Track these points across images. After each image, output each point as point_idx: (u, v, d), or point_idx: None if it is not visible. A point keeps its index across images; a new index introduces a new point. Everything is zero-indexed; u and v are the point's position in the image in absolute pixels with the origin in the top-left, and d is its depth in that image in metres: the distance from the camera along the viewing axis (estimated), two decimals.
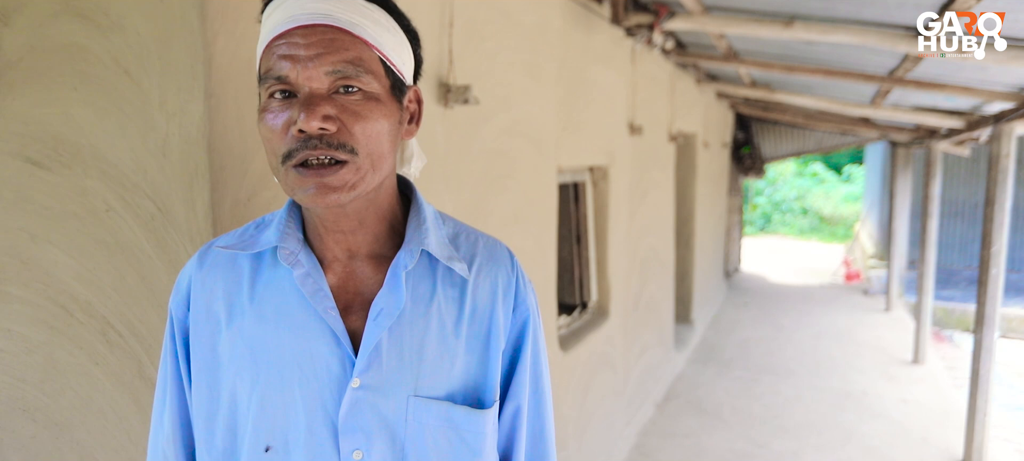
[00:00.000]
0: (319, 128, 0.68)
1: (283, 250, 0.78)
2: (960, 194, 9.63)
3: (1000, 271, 3.75)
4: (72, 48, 1.17)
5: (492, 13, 2.12)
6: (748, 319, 7.35)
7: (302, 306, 0.77)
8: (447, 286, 0.80)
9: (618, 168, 3.56)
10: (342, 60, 0.69)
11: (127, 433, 1.27)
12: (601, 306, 3.55)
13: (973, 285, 8.67)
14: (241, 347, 0.77)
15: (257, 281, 0.79)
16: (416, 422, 0.76)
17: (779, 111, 7.05)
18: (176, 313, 0.82)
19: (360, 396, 0.74)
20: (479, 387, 0.81)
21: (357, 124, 0.70)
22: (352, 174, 0.71)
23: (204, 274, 0.81)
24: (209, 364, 0.79)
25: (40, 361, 1.32)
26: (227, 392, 0.78)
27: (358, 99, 0.71)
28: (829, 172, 19.09)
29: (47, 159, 1.23)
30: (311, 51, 0.69)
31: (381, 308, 0.76)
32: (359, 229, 0.79)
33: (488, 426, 0.80)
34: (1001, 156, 3.68)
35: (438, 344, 0.78)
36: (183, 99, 1.07)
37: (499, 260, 0.85)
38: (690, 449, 3.98)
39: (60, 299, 1.27)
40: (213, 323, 0.79)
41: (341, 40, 0.70)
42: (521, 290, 0.85)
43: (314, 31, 0.69)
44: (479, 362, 0.81)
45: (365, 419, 0.74)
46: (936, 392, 5.13)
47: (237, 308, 0.78)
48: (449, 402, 0.78)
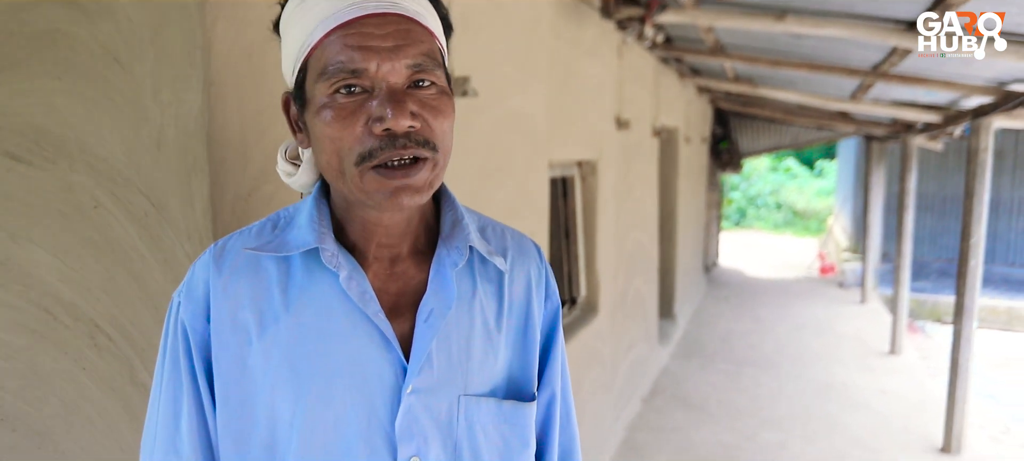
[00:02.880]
0: (409, 126, 0.65)
1: (325, 252, 0.72)
2: (931, 188, 9.85)
3: (979, 263, 3.83)
4: (55, 34, 1.10)
5: (485, 5, 2.07)
6: (728, 313, 7.42)
7: (347, 311, 0.71)
8: (485, 281, 0.79)
9: (606, 162, 3.54)
10: (420, 52, 0.66)
11: (117, 442, 1.20)
12: (590, 302, 3.53)
13: (944, 277, 8.89)
14: (277, 360, 0.71)
15: (290, 286, 0.72)
16: (467, 421, 0.75)
17: (758, 106, 7.12)
18: (192, 325, 0.73)
19: (414, 401, 0.72)
20: (522, 379, 0.81)
21: (436, 120, 0.68)
22: (430, 172, 0.68)
23: (225, 280, 0.72)
24: (238, 380, 0.71)
25: (20, 367, 1.24)
26: (264, 410, 0.71)
27: (433, 94, 0.68)
28: (802, 167, 19.39)
29: (28, 153, 1.15)
30: (389, 42, 0.64)
31: (431, 309, 0.73)
32: (408, 228, 0.76)
33: (533, 417, 0.81)
34: (979, 150, 3.75)
35: (483, 340, 0.77)
36: (180, 88, 1.00)
37: (528, 252, 0.85)
38: (679, 443, 4.00)
39: (43, 301, 1.20)
40: (241, 334, 0.71)
41: (416, 31, 0.67)
42: (550, 281, 0.86)
43: (389, 21, 0.65)
44: (520, 355, 0.81)
45: (421, 424, 0.72)
46: (913, 382, 5.24)
47: (269, 317, 0.71)
48: (497, 398, 0.77)
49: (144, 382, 1.15)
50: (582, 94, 3.08)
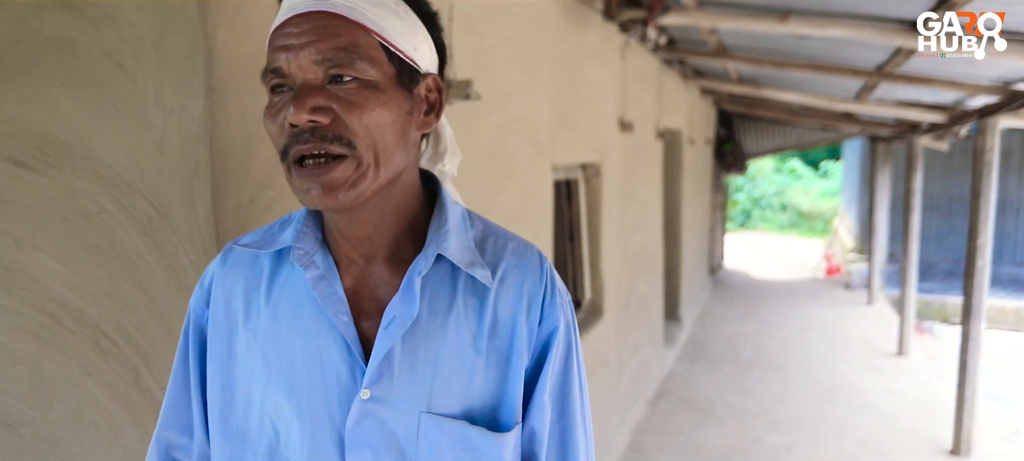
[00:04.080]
0: (309, 120, 0.64)
1: (297, 250, 0.74)
2: (937, 188, 9.80)
3: (986, 263, 3.80)
4: (60, 41, 1.11)
5: (489, 7, 2.07)
6: (734, 315, 7.39)
7: (315, 310, 0.73)
8: (468, 295, 0.74)
9: (610, 165, 3.54)
10: (333, 47, 0.65)
11: (122, 447, 1.20)
12: (595, 304, 3.52)
13: (950, 277, 8.83)
14: (255, 348, 0.75)
15: (275, 281, 0.77)
16: (427, 441, 0.71)
17: (762, 107, 7.10)
18: (194, 308, 0.81)
19: (369, 408, 0.70)
20: (502, 406, 0.74)
21: (352, 114, 0.65)
22: (351, 170, 0.66)
23: (226, 271, 0.79)
24: (224, 363, 0.77)
25: (25, 373, 1.25)
26: (242, 394, 0.76)
27: (353, 88, 0.66)
28: (807, 168, 19.33)
29: (33, 160, 1.16)
30: (301, 39, 0.65)
31: (393, 316, 0.71)
32: (375, 231, 0.74)
33: (507, 451, 0.73)
34: (986, 149, 3.73)
35: (454, 357, 0.72)
36: (182, 95, 1.01)
37: (528, 267, 0.77)
38: (685, 446, 3.98)
39: (48, 307, 1.20)
40: (231, 321, 0.77)
41: (334, 26, 0.65)
42: (549, 300, 0.77)
43: (308, 19, 0.65)
44: (499, 379, 0.74)
45: (373, 434, 0.70)
46: (921, 383, 5.20)
47: (254, 307, 0.76)
48: (465, 421, 0.71)
49: (149, 387, 1.16)
50: (585, 97, 3.08)
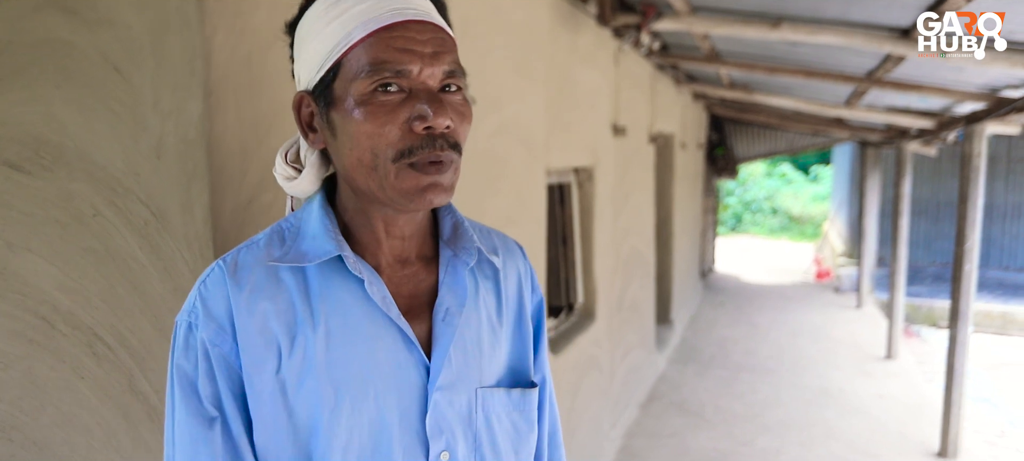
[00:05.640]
0: (446, 127, 0.70)
1: (349, 260, 0.74)
2: (925, 193, 9.90)
3: (974, 267, 3.85)
4: (55, 43, 1.10)
5: (484, 10, 2.08)
6: (725, 318, 7.43)
7: (369, 316, 0.74)
8: (483, 277, 0.84)
9: (602, 169, 3.55)
10: (453, 61, 0.72)
11: (116, 449, 1.20)
12: (587, 308, 3.53)
13: (938, 281, 8.92)
14: (309, 370, 0.71)
15: (311, 295, 0.73)
16: (484, 412, 0.79)
17: (754, 112, 7.15)
18: (218, 346, 0.70)
19: (439, 398, 0.75)
20: (523, 368, 0.86)
21: (463, 124, 0.73)
22: (454, 174, 0.73)
23: (247, 296, 0.71)
24: (273, 395, 0.71)
25: (17, 377, 1.24)
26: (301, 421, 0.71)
27: (461, 100, 0.73)
28: (797, 172, 19.45)
29: (27, 162, 1.15)
30: (429, 48, 0.70)
31: (447, 307, 0.77)
32: (417, 230, 0.80)
33: (536, 401, 0.86)
34: (973, 155, 3.78)
35: (490, 334, 0.82)
36: (180, 97, 1.01)
37: (513, 251, 0.91)
38: (676, 449, 4.00)
39: (40, 310, 1.19)
40: (272, 349, 0.71)
41: (448, 41, 0.73)
42: (532, 278, 0.92)
43: (427, 28, 0.71)
44: (519, 344, 0.86)
45: (447, 420, 0.76)
46: (910, 387, 5.25)
47: (297, 329, 0.72)
48: (506, 387, 0.82)
49: (143, 390, 1.15)
50: (579, 101, 3.09)
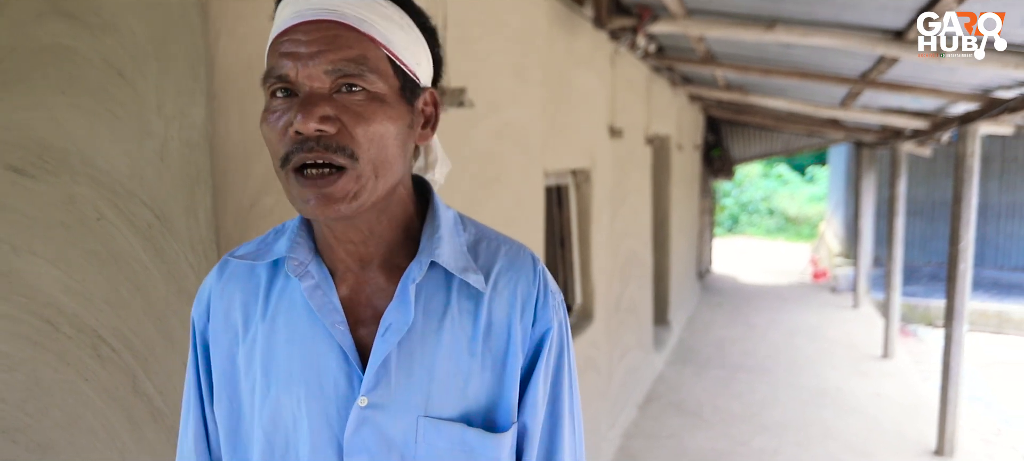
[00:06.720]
0: (316, 129, 0.64)
1: (292, 261, 0.74)
2: (920, 193, 9.95)
3: (968, 266, 3.87)
4: (59, 49, 1.12)
5: (482, 14, 2.10)
6: (722, 319, 7.45)
7: (311, 319, 0.74)
8: (463, 299, 0.75)
9: (599, 171, 3.57)
10: (344, 58, 0.65)
11: (119, 451, 1.21)
12: (585, 309, 3.55)
13: (934, 281, 8.95)
14: (255, 359, 0.76)
15: (271, 292, 0.78)
16: (426, 444, 0.72)
17: (750, 113, 7.18)
18: (197, 322, 0.82)
19: (367, 415, 0.71)
20: (495, 408, 0.75)
21: (358, 126, 0.66)
22: (353, 182, 0.66)
23: (223, 284, 0.80)
24: (229, 375, 0.78)
25: (22, 379, 1.25)
26: (247, 405, 0.77)
27: (360, 99, 0.67)
28: (793, 173, 19.52)
29: (32, 166, 1.16)
30: (312, 48, 0.65)
31: (389, 323, 0.72)
32: (370, 239, 0.75)
33: (504, 450, 0.75)
34: (967, 155, 3.80)
35: (450, 361, 0.73)
36: (183, 102, 1.02)
37: (521, 269, 0.78)
38: (674, 450, 4.01)
39: (45, 313, 1.20)
40: (231, 333, 0.78)
41: (345, 37, 0.66)
42: (542, 302, 0.78)
43: (318, 27, 0.66)
44: (496, 381, 0.75)
45: (371, 440, 0.71)
46: (906, 386, 5.27)
47: (252, 319, 0.78)
48: (463, 424, 0.73)
49: (147, 392, 1.16)
50: (576, 104, 3.11)
